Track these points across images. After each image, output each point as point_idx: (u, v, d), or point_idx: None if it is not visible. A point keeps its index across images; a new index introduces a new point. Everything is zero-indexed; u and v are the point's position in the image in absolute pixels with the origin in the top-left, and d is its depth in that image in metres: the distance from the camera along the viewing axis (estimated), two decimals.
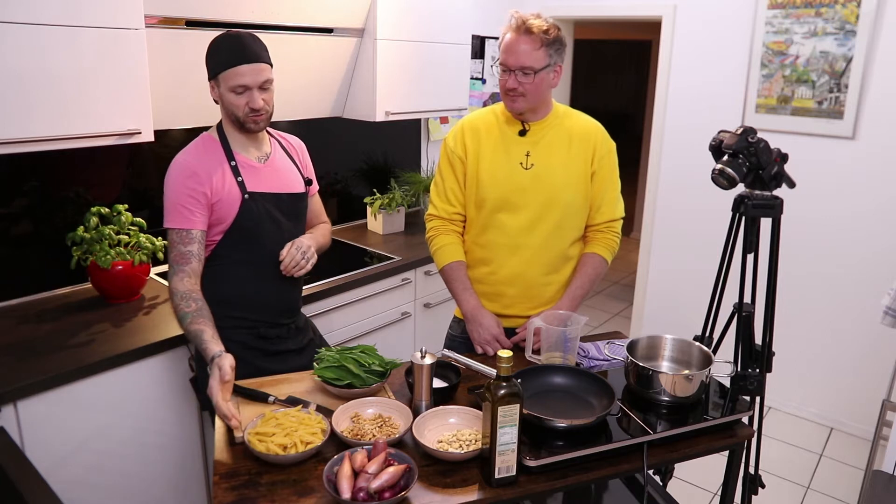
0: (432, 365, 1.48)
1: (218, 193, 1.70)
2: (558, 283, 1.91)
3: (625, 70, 9.30)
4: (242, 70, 1.65)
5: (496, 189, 1.83)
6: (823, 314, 3.27)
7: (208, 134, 1.77)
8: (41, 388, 1.70)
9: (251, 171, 1.76)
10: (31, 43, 1.72)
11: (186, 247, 1.68)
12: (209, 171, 1.69)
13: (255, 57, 1.66)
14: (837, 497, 2.76)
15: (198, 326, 1.61)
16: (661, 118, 3.65)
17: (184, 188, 1.67)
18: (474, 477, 1.30)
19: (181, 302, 1.65)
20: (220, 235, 1.74)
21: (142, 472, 1.97)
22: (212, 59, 1.69)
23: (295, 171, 1.89)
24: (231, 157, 1.74)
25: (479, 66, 3.79)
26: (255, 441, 1.33)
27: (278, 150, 1.88)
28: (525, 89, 1.74)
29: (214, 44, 1.69)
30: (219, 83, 1.69)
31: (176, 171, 1.69)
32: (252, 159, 1.78)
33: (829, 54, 3.04)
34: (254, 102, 1.68)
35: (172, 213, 1.68)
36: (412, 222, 3.35)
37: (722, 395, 1.59)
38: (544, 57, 1.72)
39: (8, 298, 2.17)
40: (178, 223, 1.68)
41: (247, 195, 1.73)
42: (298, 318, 1.95)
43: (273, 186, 1.80)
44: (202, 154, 1.72)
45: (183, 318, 1.64)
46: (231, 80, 1.66)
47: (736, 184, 1.70)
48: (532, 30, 1.70)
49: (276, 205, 1.79)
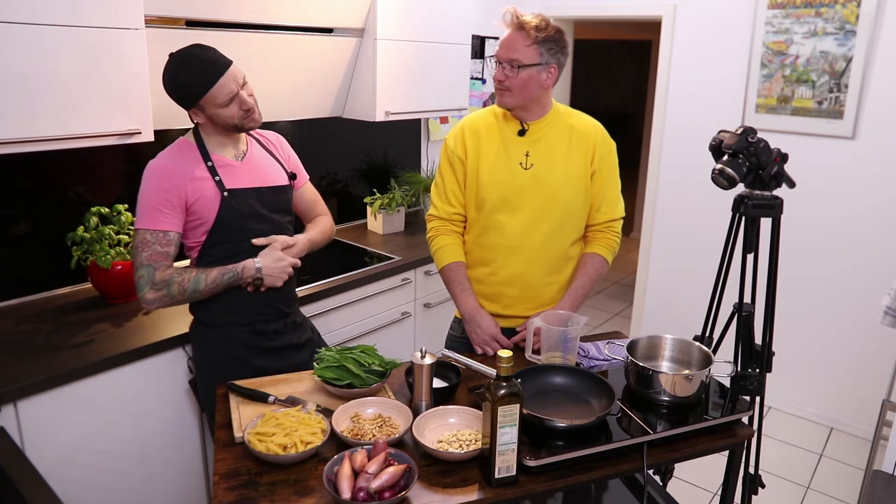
0: (432, 365, 1.48)
1: (195, 194, 1.68)
2: (559, 284, 1.91)
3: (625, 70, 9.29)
4: (223, 81, 1.63)
5: (496, 189, 1.83)
6: (823, 314, 3.27)
7: (184, 138, 1.76)
8: (41, 388, 1.70)
9: (228, 170, 1.75)
10: (32, 43, 1.72)
11: (164, 248, 1.67)
12: (184, 173, 1.68)
13: (223, 64, 1.65)
14: (837, 497, 2.76)
15: (216, 271, 1.70)
16: (661, 118, 3.65)
17: (159, 190, 1.65)
18: (474, 477, 1.30)
19: (179, 276, 1.66)
20: (204, 236, 1.73)
21: (142, 472, 1.97)
22: (184, 88, 1.64)
23: (275, 165, 1.88)
24: (207, 158, 1.72)
25: (479, 66, 3.79)
26: (255, 441, 1.33)
27: (255, 146, 1.86)
28: (511, 84, 1.74)
29: (177, 74, 1.63)
30: (204, 106, 1.66)
31: (151, 174, 1.67)
32: (229, 158, 1.77)
33: (829, 54, 3.04)
34: (244, 103, 1.68)
35: (148, 214, 1.66)
36: (412, 222, 3.35)
37: (722, 395, 1.59)
38: (535, 54, 1.72)
39: (8, 298, 2.17)
40: (155, 224, 1.65)
41: (226, 193, 1.71)
42: (295, 314, 1.94)
43: (252, 181, 1.78)
44: (177, 157, 1.70)
45: (196, 285, 1.67)
46: (219, 97, 1.64)
47: (736, 184, 1.70)
48: (524, 26, 1.71)
49: (259, 199, 1.78)
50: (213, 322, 1.78)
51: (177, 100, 1.67)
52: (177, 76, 1.64)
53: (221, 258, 1.75)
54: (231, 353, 1.78)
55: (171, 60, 1.64)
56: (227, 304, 1.77)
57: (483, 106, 3.80)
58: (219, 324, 1.78)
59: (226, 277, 1.71)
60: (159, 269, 1.66)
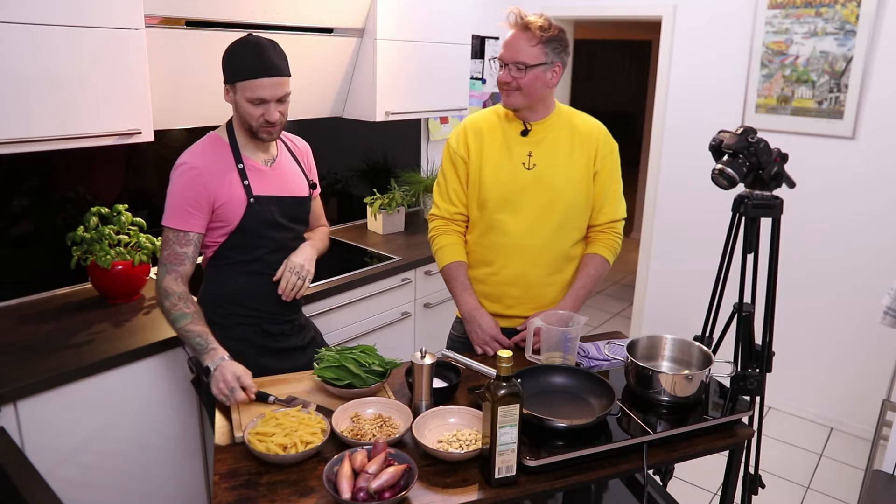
0: (432, 365, 1.48)
1: (223, 197, 1.69)
2: (560, 284, 1.91)
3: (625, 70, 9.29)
4: (262, 83, 1.62)
5: (498, 189, 1.83)
6: (823, 314, 3.27)
7: (216, 134, 1.76)
8: (41, 388, 1.70)
9: (257, 175, 1.76)
10: (31, 43, 1.72)
11: (182, 248, 1.68)
12: (216, 174, 1.69)
13: (276, 70, 1.63)
14: (837, 497, 2.76)
15: (201, 328, 1.63)
16: (661, 118, 3.65)
17: (188, 189, 1.66)
18: (474, 477, 1.30)
19: (179, 302, 1.65)
20: (224, 237, 1.74)
21: (142, 472, 1.97)
22: (231, 64, 1.65)
23: (300, 175, 1.89)
24: (239, 160, 1.73)
25: (479, 66, 3.79)
26: (255, 441, 1.33)
27: (285, 152, 1.87)
28: (519, 84, 1.74)
29: (235, 49, 1.64)
30: (235, 90, 1.66)
31: (182, 170, 1.68)
32: (259, 162, 1.77)
33: (829, 54, 3.04)
34: (270, 115, 1.66)
35: (173, 212, 1.68)
36: (412, 222, 3.35)
37: (722, 395, 1.59)
38: (540, 54, 1.73)
39: (8, 298, 2.17)
40: (177, 223, 1.67)
41: (252, 199, 1.72)
42: (300, 316, 1.96)
43: (278, 190, 1.79)
44: (210, 156, 1.71)
45: (181, 318, 1.64)
46: (249, 92, 1.63)
47: (736, 184, 1.70)
48: (529, 26, 1.72)
49: (280, 208, 1.79)
50: (221, 321, 1.78)
51: (224, 68, 1.67)
52: (235, 51, 1.64)
53: (237, 261, 1.77)
54: (237, 352, 1.78)
55: (248, 37, 1.65)
56: (235, 303, 1.79)
57: (483, 106, 3.80)
58: (227, 323, 1.79)
59: (197, 340, 1.61)
60: (171, 272, 1.67)
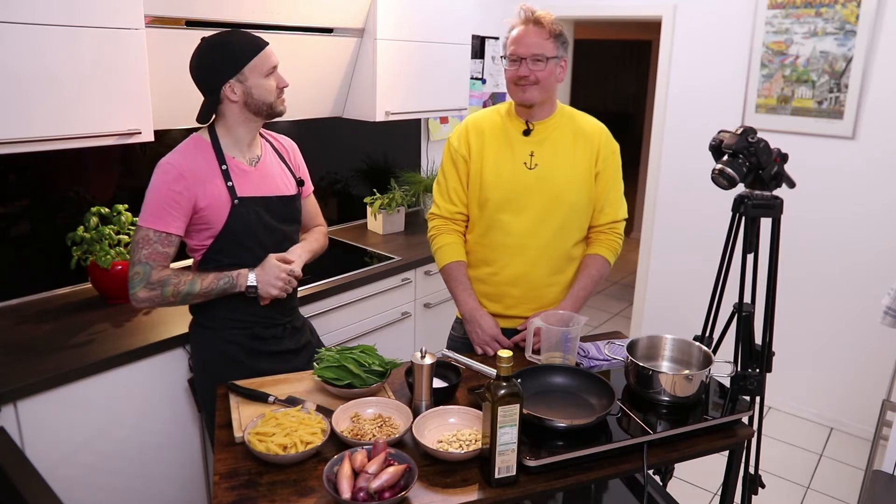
0: (432, 365, 1.48)
1: (206, 199, 1.66)
2: (562, 284, 1.91)
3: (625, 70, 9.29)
4: (267, 51, 1.68)
5: (499, 189, 1.83)
6: (823, 314, 3.27)
7: (198, 135, 1.72)
8: (41, 388, 1.70)
9: (241, 175, 1.72)
10: (31, 43, 1.72)
11: (165, 248, 1.65)
12: (198, 175, 1.65)
13: (263, 41, 1.69)
14: (837, 497, 2.76)
15: (213, 274, 1.69)
16: (661, 118, 3.65)
17: (170, 191, 1.62)
18: (474, 477, 1.30)
19: (177, 278, 1.64)
20: (210, 240, 1.71)
21: (142, 472, 1.97)
22: (229, 57, 1.64)
23: (286, 173, 1.85)
24: (222, 161, 1.70)
25: (479, 66, 3.79)
26: (255, 441, 1.33)
27: (269, 151, 1.84)
28: (538, 77, 1.76)
29: (221, 44, 1.64)
30: (244, 77, 1.65)
31: (163, 172, 1.64)
32: (243, 162, 1.74)
33: (829, 54, 3.04)
34: (281, 80, 1.71)
35: (154, 213, 1.63)
36: (412, 222, 3.35)
37: (722, 395, 1.59)
38: (553, 47, 1.77)
39: (8, 298, 2.17)
40: (161, 225, 1.62)
41: (236, 200, 1.69)
42: (295, 318, 1.93)
43: (263, 190, 1.76)
44: (192, 157, 1.67)
45: (192, 286, 1.65)
46: (264, 64, 1.67)
47: (736, 184, 1.70)
48: (541, 20, 1.76)
49: (266, 208, 1.75)
50: (211, 324, 1.77)
51: (222, 65, 1.64)
52: (223, 46, 1.64)
53: (226, 264, 1.73)
54: (229, 355, 1.77)
55: (216, 35, 1.67)
56: (226, 308, 1.76)
57: (483, 106, 3.80)
58: (217, 326, 1.77)
59: (221, 283, 1.68)
60: (156, 268, 1.64)
